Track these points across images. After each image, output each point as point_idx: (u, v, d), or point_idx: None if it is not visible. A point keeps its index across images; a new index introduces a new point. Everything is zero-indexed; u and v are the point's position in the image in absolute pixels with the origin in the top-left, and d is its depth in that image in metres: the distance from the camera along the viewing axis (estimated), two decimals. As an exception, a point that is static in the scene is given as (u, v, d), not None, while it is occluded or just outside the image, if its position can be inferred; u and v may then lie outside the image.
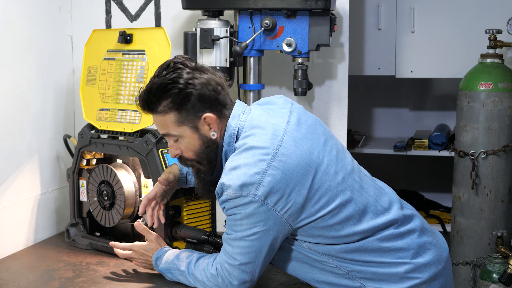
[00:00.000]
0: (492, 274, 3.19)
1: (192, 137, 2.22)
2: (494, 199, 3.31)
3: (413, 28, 3.72)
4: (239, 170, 2.12)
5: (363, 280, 2.18)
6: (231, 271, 2.20)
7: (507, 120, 3.26)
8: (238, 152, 2.16)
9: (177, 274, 2.37)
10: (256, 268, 2.19)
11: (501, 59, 3.31)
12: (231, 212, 2.15)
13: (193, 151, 2.24)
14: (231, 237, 2.18)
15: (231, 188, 2.12)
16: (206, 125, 2.22)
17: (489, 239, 3.31)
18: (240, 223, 2.14)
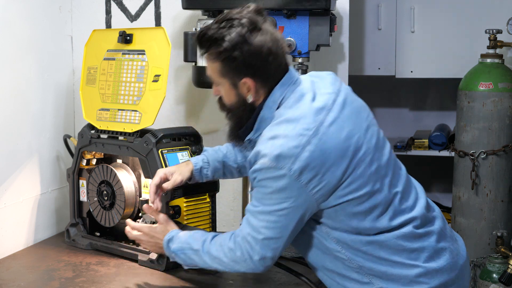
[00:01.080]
0: (492, 274, 3.19)
1: (229, 91, 2.19)
2: (494, 199, 3.31)
3: (413, 28, 3.72)
4: (278, 140, 2.05)
5: (372, 277, 2.14)
6: (254, 245, 2.10)
7: (507, 120, 3.26)
8: (279, 122, 2.11)
9: (190, 254, 2.25)
10: (280, 245, 2.11)
11: (501, 59, 3.31)
12: (262, 184, 2.08)
13: (229, 102, 2.20)
14: (258, 209, 2.10)
15: (267, 157, 2.05)
16: (245, 88, 2.16)
17: (489, 239, 3.31)
18: (269, 197, 2.07)
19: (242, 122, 2.22)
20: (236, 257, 2.14)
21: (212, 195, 2.75)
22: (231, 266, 2.17)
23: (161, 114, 2.87)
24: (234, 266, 2.16)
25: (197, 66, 2.91)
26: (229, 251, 2.15)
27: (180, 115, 3.35)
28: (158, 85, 2.72)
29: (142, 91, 2.77)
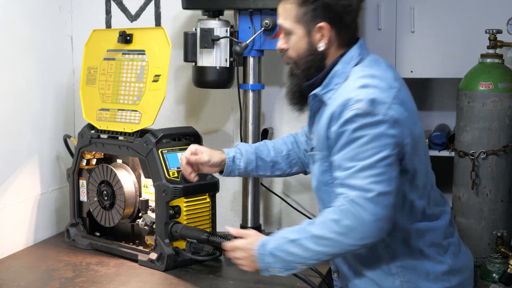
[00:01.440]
0: (492, 274, 3.19)
1: (301, 39, 2.13)
2: (494, 199, 3.31)
3: (413, 28, 3.72)
4: (369, 89, 1.99)
5: (401, 269, 2.08)
6: (365, 206, 1.93)
7: (507, 120, 3.26)
8: (363, 76, 2.04)
9: (289, 247, 2.04)
10: (391, 201, 1.95)
11: (501, 59, 3.30)
12: (358, 134, 1.96)
13: (297, 52, 2.15)
14: (357, 168, 1.95)
15: (363, 102, 1.96)
16: (319, 34, 2.10)
17: (489, 239, 3.31)
18: (367, 148, 1.94)
19: (311, 74, 2.14)
20: (344, 228, 1.96)
21: (212, 195, 2.76)
22: (340, 243, 1.98)
23: (161, 114, 2.87)
24: (343, 240, 1.97)
25: (197, 66, 2.91)
26: (334, 224, 1.97)
27: (180, 115, 3.35)
28: (158, 85, 2.72)
29: (142, 91, 2.77)
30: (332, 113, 2.02)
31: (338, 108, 2.00)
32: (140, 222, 2.73)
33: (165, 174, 2.63)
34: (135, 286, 2.48)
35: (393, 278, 2.10)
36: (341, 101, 2.00)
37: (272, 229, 3.28)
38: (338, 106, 2.01)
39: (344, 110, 1.98)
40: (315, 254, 2.02)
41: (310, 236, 2.01)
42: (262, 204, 3.18)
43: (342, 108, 1.99)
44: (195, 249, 2.61)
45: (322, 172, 2.12)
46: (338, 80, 2.09)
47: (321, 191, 2.15)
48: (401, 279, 2.09)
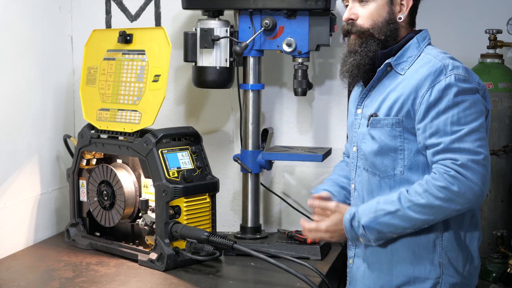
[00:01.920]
0: (492, 274, 3.19)
1: (382, 7, 2.18)
2: (494, 199, 3.31)
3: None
4: (458, 61, 2.08)
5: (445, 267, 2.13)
6: (476, 169, 1.97)
7: (507, 120, 3.26)
8: (444, 52, 2.14)
9: (388, 219, 2.07)
10: (488, 164, 2.01)
11: (501, 59, 3.31)
12: (460, 99, 2.02)
13: (374, 20, 2.18)
14: (464, 132, 1.99)
15: (460, 69, 2.05)
16: (399, 6, 2.18)
17: (489, 239, 3.31)
18: (469, 113, 2.00)
19: (389, 42, 2.19)
20: (452, 194, 1.98)
21: (212, 195, 2.76)
22: (446, 209, 2.01)
23: (161, 114, 2.87)
24: (451, 206, 2.00)
25: (197, 66, 2.91)
26: (441, 190, 1.99)
27: (180, 115, 3.35)
28: (158, 85, 2.72)
29: (142, 91, 2.77)
30: (425, 77, 2.06)
31: (434, 73, 2.06)
32: (140, 222, 2.73)
33: (165, 174, 2.63)
34: (135, 286, 2.48)
35: (434, 255, 2.12)
36: (437, 66, 2.07)
37: (272, 229, 3.28)
38: (433, 71, 2.06)
39: (440, 75, 2.04)
40: (416, 223, 2.05)
41: (413, 205, 2.03)
42: (262, 204, 3.18)
43: (439, 73, 2.05)
44: (195, 249, 2.61)
45: (392, 137, 2.13)
46: (412, 53, 2.16)
47: (386, 157, 2.14)
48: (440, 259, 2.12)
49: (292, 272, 2.43)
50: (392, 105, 2.13)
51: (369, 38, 2.19)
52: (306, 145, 3.23)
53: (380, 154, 2.16)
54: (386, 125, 2.14)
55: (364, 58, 2.20)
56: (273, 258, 2.51)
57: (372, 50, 2.19)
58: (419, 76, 2.09)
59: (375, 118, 2.17)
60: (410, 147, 2.11)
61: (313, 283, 2.40)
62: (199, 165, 2.74)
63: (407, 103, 2.10)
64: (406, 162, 2.12)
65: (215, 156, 3.28)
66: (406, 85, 2.12)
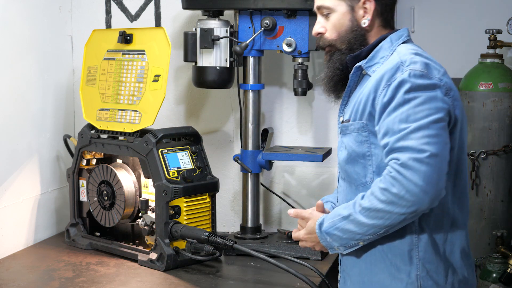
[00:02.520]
0: (492, 274, 3.19)
1: (343, 16, 2.12)
2: (494, 199, 3.31)
3: (413, 28, 3.72)
4: (422, 57, 1.98)
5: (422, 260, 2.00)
6: (418, 168, 1.82)
7: (507, 120, 3.26)
8: (413, 49, 2.04)
9: (344, 224, 1.97)
10: (444, 167, 1.86)
11: (501, 59, 3.30)
12: (411, 95, 1.90)
13: (338, 31, 2.12)
14: (411, 128, 1.86)
15: (418, 64, 1.94)
16: (362, 10, 2.10)
17: (489, 239, 3.31)
18: (421, 109, 1.88)
19: (354, 49, 2.12)
20: (392, 196, 1.86)
21: (212, 195, 2.76)
22: (390, 213, 1.88)
23: (161, 114, 2.87)
24: (394, 210, 1.87)
25: (197, 66, 2.91)
26: (382, 192, 1.88)
27: (180, 115, 3.35)
28: (158, 85, 2.72)
29: (142, 91, 2.77)
30: (382, 75, 1.98)
31: (390, 70, 1.97)
32: (140, 222, 2.73)
33: (165, 174, 2.63)
34: (135, 286, 2.48)
35: (411, 268, 2.00)
36: (394, 64, 1.98)
37: (272, 229, 3.28)
38: (390, 68, 1.97)
39: (397, 72, 1.95)
40: (369, 229, 1.94)
41: (361, 209, 1.93)
42: (262, 204, 3.18)
43: (395, 70, 1.96)
44: (195, 249, 2.61)
45: (359, 143, 2.04)
46: (384, 54, 2.07)
47: (356, 164, 2.06)
48: (418, 272, 1.99)
49: (292, 272, 2.43)
50: (357, 109, 2.05)
51: (334, 51, 2.15)
52: (306, 145, 3.23)
53: (350, 162, 2.07)
54: (353, 131, 2.05)
55: (334, 70, 2.15)
56: (273, 258, 2.51)
57: (338, 62, 2.14)
58: (377, 75, 2.00)
59: (344, 125, 2.09)
60: (377, 152, 2.00)
61: (313, 283, 2.40)
62: (199, 165, 2.74)
63: (367, 105, 2.01)
64: (374, 168, 2.01)
65: (215, 156, 3.28)
66: (368, 86, 2.03)
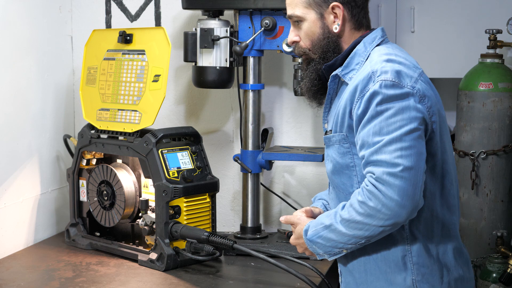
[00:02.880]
0: (492, 274, 3.19)
1: (314, 24, 2.08)
2: (494, 199, 3.31)
3: (413, 28, 3.71)
4: (394, 63, 1.93)
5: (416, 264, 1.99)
6: (392, 182, 1.82)
7: (507, 120, 3.26)
8: (387, 53, 2.00)
9: (326, 233, 1.97)
10: (419, 179, 1.84)
11: (501, 59, 3.30)
12: (383, 107, 1.87)
13: (311, 39, 2.10)
14: (384, 142, 1.85)
15: (389, 73, 1.89)
16: (332, 16, 2.06)
17: (489, 239, 3.30)
18: (394, 121, 1.86)
19: (328, 57, 2.09)
20: (369, 209, 1.86)
21: (212, 195, 2.76)
22: (369, 225, 1.89)
23: (161, 114, 2.87)
24: (372, 222, 1.88)
25: (197, 66, 2.91)
26: (360, 206, 1.88)
27: (180, 115, 3.35)
28: (158, 85, 2.72)
29: (142, 91, 2.77)
30: (356, 87, 1.95)
31: (362, 81, 1.93)
32: (140, 222, 2.73)
33: (165, 174, 2.63)
34: (135, 286, 2.48)
35: (406, 274, 1.99)
36: (365, 74, 1.94)
37: (272, 229, 3.28)
38: (362, 79, 1.94)
39: (369, 83, 1.92)
40: (350, 238, 1.94)
41: (341, 220, 1.93)
42: (262, 204, 3.18)
43: (367, 81, 1.93)
44: (195, 249, 2.61)
45: (341, 155, 2.03)
46: (359, 59, 2.04)
47: (341, 175, 2.04)
48: (413, 276, 1.99)
49: (292, 272, 2.43)
50: (336, 120, 2.03)
51: (312, 56, 2.12)
52: (306, 145, 3.23)
53: (336, 173, 2.06)
54: (335, 142, 2.04)
55: (311, 81, 2.12)
56: (273, 258, 2.52)
57: (314, 72, 2.11)
58: (351, 87, 1.98)
59: (327, 137, 2.08)
60: (360, 162, 1.96)
61: (313, 283, 2.40)
62: (199, 165, 2.74)
63: (345, 117, 1.99)
64: (359, 178, 2.00)
65: (215, 156, 3.28)
66: (344, 97, 2.01)
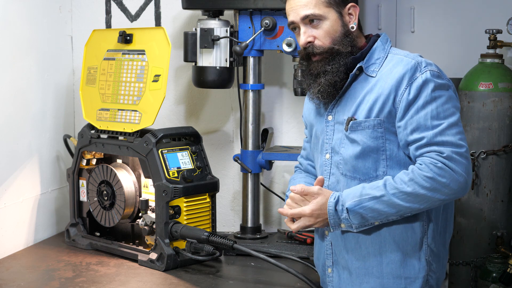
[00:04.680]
0: (492, 274, 3.19)
1: (336, 22, 2.19)
2: (494, 199, 3.31)
3: (413, 28, 3.71)
4: (428, 60, 2.15)
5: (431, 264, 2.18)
6: (460, 161, 2.03)
7: (507, 120, 3.26)
8: (410, 53, 2.19)
9: (372, 204, 2.07)
10: (470, 157, 2.09)
11: (501, 59, 3.30)
12: (437, 94, 2.08)
13: (332, 37, 2.18)
14: (444, 126, 2.05)
15: (433, 65, 2.12)
16: (348, 16, 2.20)
17: (489, 239, 3.30)
18: (447, 107, 2.07)
19: (354, 51, 2.20)
20: (439, 184, 2.02)
21: (212, 195, 2.76)
22: (431, 199, 2.04)
23: (161, 114, 2.87)
24: (436, 196, 2.04)
25: (197, 66, 2.91)
26: (427, 180, 2.03)
27: (180, 115, 3.35)
28: (158, 85, 2.72)
29: (142, 91, 2.77)
30: (402, 76, 2.10)
31: (409, 71, 2.10)
32: (140, 222, 2.73)
33: (165, 174, 2.63)
34: (135, 286, 2.48)
35: (420, 254, 2.16)
36: (411, 65, 2.11)
37: (272, 229, 3.28)
38: (408, 69, 2.10)
39: (416, 72, 2.10)
40: (400, 210, 2.07)
41: (399, 192, 2.05)
42: (262, 204, 3.18)
43: (414, 70, 2.10)
44: (195, 249, 2.61)
45: (374, 139, 2.14)
46: (379, 55, 2.20)
47: (367, 159, 2.15)
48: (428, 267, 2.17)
49: (292, 272, 2.43)
50: (372, 107, 2.14)
51: (335, 55, 2.19)
52: (306, 145, 3.23)
53: (362, 156, 2.16)
54: (368, 127, 2.14)
55: (337, 74, 2.19)
56: (273, 258, 2.52)
57: (342, 65, 2.19)
58: (396, 75, 2.12)
59: (355, 122, 2.16)
60: (391, 147, 2.14)
61: (313, 283, 2.40)
62: (199, 165, 2.74)
63: (387, 103, 2.12)
64: (388, 162, 2.14)
65: (215, 156, 3.28)
66: (383, 85, 2.14)
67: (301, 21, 2.18)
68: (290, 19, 2.21)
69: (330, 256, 2.26)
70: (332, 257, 2.25)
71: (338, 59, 2.19)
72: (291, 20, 2.21)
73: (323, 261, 2.29)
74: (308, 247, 2.83)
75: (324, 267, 2.28)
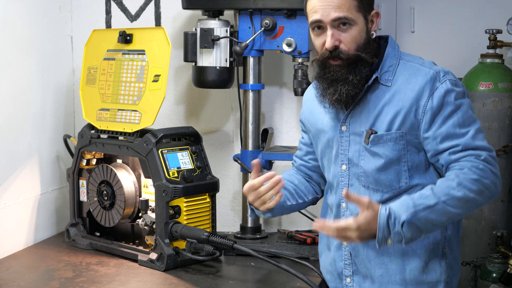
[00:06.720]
0: (492, 274, 3.19)
1: (362, 28, 2.12)
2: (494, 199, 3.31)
3: (413, 28, 3.71)
4: (443, 68, 2.14)
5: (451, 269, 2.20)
6: (495, 163, 2.06)
7: (507, 120, 3.26)
8: (422, 59, 2.18)
9: (426, 214, 1.98)
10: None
11: (501, 59, 3.30)
12: (459, 102, 2.08)
13: (357, 44, 2.11)
14: (473, 131, 2.07)
15: (450, 74, 2.12)
16: (370, 22, 2.15)
17: (489, 239, 3.30)
18: (470, 114, 2.09)
19: (373, 58, 2.15)
20: (483, 186, 2.02)
21: (212, 195, 2.76)
22: (475, 202, 2.03)
23: (161, 114, 2.87)
24: (479, 199, 2.03)
25: (197, 66, 2.91)
26: (474, 183, 2.01)
27: (180, 115, 3.35)
28: (158, 85, 2.72)
29: (142, 91, 2.77)
30: (423, 87, 2.08)
31: (429, 82, 2.09)
32: (140, 222, 2.73)
33: (165, 174, 2.63)
34: (135, 286, 2.48)
35: (441, 258, 2.17)
36: (430, 75, 2.09)
37: (272, 229, 3.27)
38: (428, 80, 2.09)
39: (435, 82, 2.09)
40: (449, 218, 2.04)
41: (450, 198, 2.00)
42: (262, 204, 3.17)
43: (433, 80, 2.09)
44: (195, 249, 2.61)
45: (396, 151, 2.11)
46: (392, 62, 2.16)
47: (389, 171, 2.12)
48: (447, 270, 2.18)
49: (292, 272, 2.43)
50: (393, 120, 2.11)
51: (359, 63, 2.11)
52: (306, 145, 3.23)
53: (384, 169, 2.13)
54: (390, 140, 2.11)
55: (358, 86, 2.12)
56: (273, 258, 2.51)
57: (364, 77, 2.12)
58: (416, 87, 2.09)
59: (376, 135, 2.12)
60: (412, 157, 2.13)
61: (313, 283, 2.40)
62: (199, 165, 2.74)
63: (409, 116, 2.09)
64: (410, 172, 2.13)
65: (215, 156, 3.28)
66: (403, 98, 2.10)
67: (331, 22, 2.07)
68: (317, 17, 2.08)
69: (350, 266, 2.22)
70: (351, 267, 2.22)
71: (360, 69, 2.11)
72: (318, 19, 2.08)
73: (339, 270, 2.25)
74: (308, 247, 2.83)
75: (341, 276, 2.25)
